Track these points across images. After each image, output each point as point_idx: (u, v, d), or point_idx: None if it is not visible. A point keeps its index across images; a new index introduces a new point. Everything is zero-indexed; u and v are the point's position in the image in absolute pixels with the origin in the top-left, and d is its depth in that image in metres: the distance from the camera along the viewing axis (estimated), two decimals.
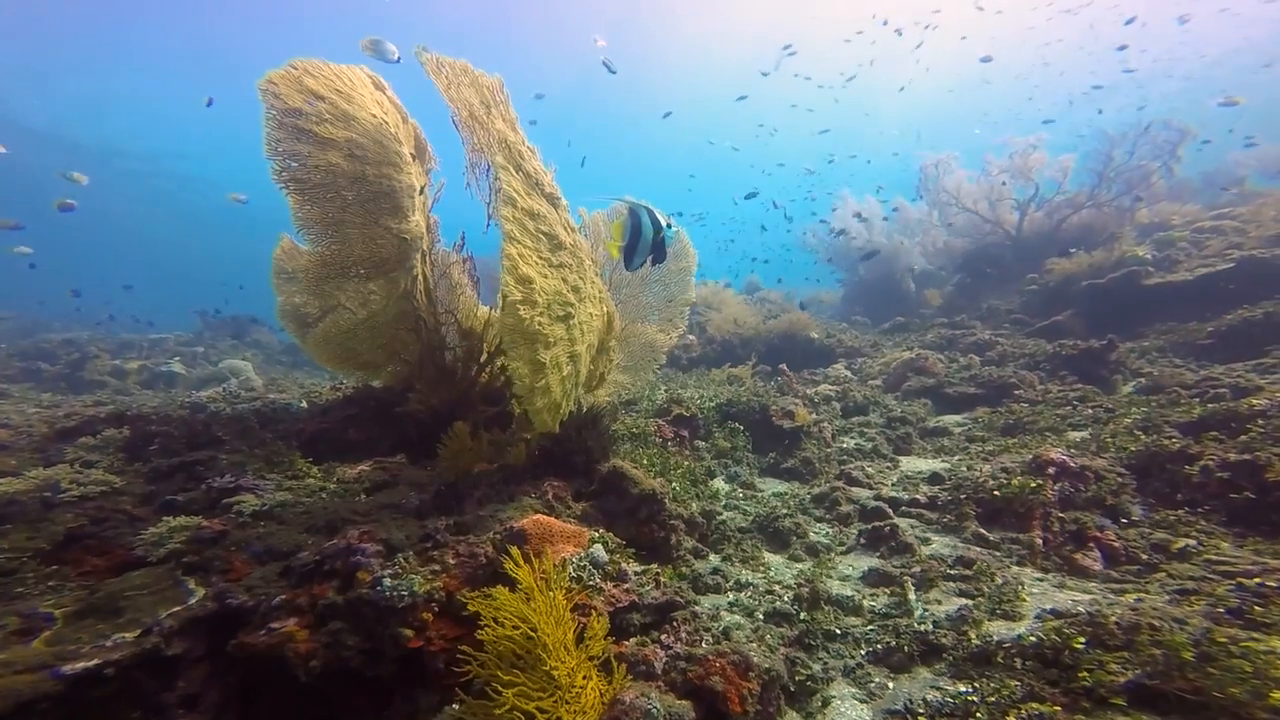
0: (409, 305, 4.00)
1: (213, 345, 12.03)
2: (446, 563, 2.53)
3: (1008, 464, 3.60)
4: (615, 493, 3.30)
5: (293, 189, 2.78)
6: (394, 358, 4.27)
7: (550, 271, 2.86)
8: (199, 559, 2.54)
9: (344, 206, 3.02)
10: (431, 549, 2.59)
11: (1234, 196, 12.87)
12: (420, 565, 2.48)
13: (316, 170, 2.82)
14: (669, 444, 4.97)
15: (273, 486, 3.28)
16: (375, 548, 2.49)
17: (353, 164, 2.99)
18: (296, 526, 2.86)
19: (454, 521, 2.85)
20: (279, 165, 2.64)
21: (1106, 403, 4.60)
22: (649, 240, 2.89)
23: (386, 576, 2.31)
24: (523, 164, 2.95)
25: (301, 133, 2.71)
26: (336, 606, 2.24)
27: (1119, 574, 2.66)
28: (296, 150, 2.70)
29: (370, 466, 3.95)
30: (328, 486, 3.48)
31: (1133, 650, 1.79)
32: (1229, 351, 5.71)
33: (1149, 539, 2.78)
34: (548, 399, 2.89)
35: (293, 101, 2.65)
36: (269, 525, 2.86)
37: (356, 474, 3.80)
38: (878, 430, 5.64)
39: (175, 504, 2.96)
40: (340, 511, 2.97)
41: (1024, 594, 2.56)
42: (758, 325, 10.17)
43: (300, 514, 2.99)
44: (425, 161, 4.27)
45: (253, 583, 2.37)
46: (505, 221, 2.63)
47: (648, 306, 3.91)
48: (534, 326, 2.64)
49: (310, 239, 2.97)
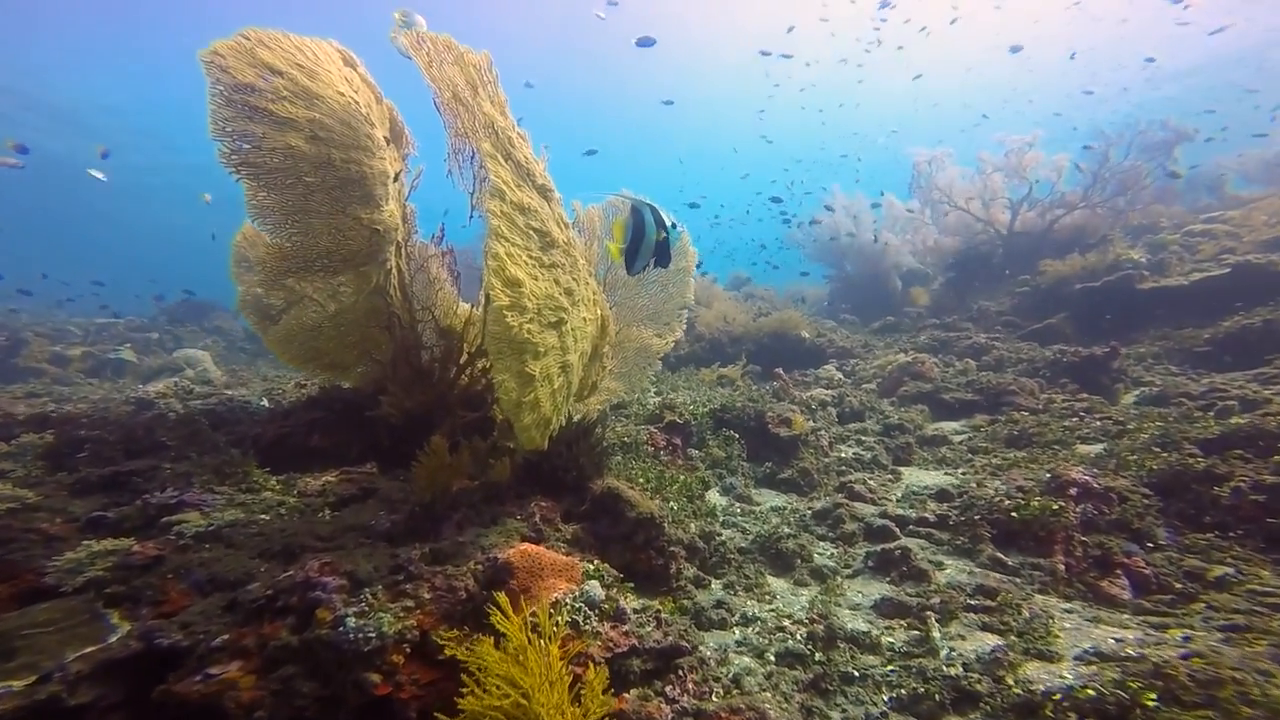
0: (381, 301, 3.68)
1: (169, 331, 11.34)
2: (421, 597, 2.27)
3: (1022, 482, 3.46)
4: (610, 515, 3.06)
5: (246, 174, 2.44)
6: (365, 357, 3.95)
7: (541, 273, 2.58)
8: (126, 589, 2.21)
9: (306, 194, 2.69)
10: (404, 582, 2.31)
11: (1213, 201, 13.13)
12: (391, 601, 2.21)
13: (274, 154, 2.48)
14: (661, 453, 4.74)
15: (223, 501, 2.94)
16: (338, 581, 2.20)
17: (316, 147, 2.66)
18: (248, 551, 2.53)
19: (430, 549, 2.58)
20: (228, 147, 2.30)
21: (1115, 414, 4.52)
22: (652, 242, 2.63)
23: (350, 615, 2.03)
24: (512, 152, 2.66)
25: (255, 111, 2.37)
26: (290, 648, 1.96)
27: (1151, 604, 2.52)
28: (249, 131, 2.36)
29: (336, 477, 3.64)
30: (287, 501, 3.15)
31: (1218, 710, 1.62)
32: (1227, 360, 5.70)
33: (1180, 566, 2.65)
34: (537, 414, 2.62)
35: (244, 76, 2.31)
36: (215, 549, 2.53)
37: (321, 486, 3.48)
38: (875, 438, 5.49)
39: (104, 522, 2.61)
40: (300, 534, 2.66)
41: (1056, 628, 2.40)
42: (747, 323, 10.00)
43: (253, 535, 2.67)
44: (402, 146, 3.93)
45: (191, 618, 2.07)
46: (492, 217, 2.34)
47: (644, 309, 3.65)
48: (523, 335, 2.37)
49: (268, 228, 2.64)
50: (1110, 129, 9.89)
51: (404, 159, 3.89)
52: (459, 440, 3.70)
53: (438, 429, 3.75)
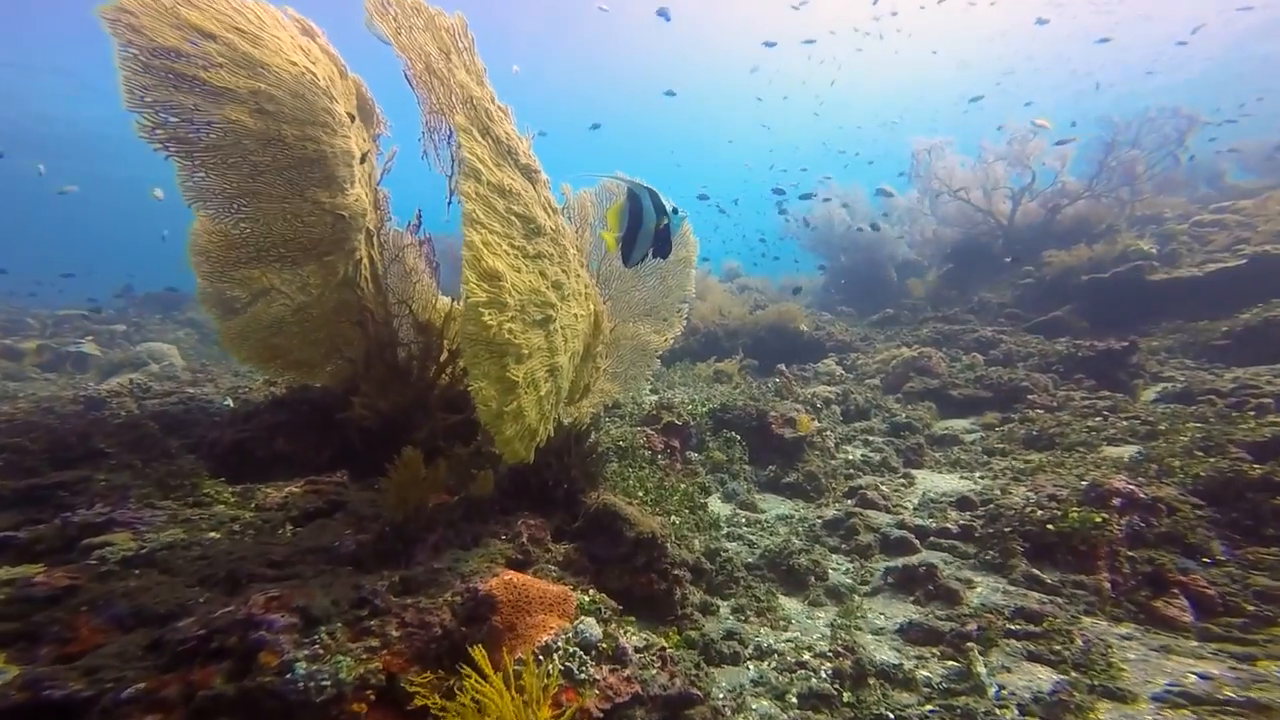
0: (351, 294, 3.33)
1: (138, 323, 10.78)
2: (388, 635, 1.95)
3: (1053, 490, 3.20)
4: (606, 534, 2.75)
5: (177, 151, 2.08)
6: (333, 355, 3.60)
7: (525, 264, 2.25)
8: (22, 626, 1.87)
9: (254, 174, 2.34)
10: (368, 617, 1.99)
11: (1212, 192, 12.99)
12: (352, 640, 1.89)
13: (210, 129, 2.13)
14: (659, 457, 4.45)
15: (164, 519, 2.58)
16: (288, 619, 1.87)
17: (264, 121, 2.30)
18: (187, 578, 2.17)
19: (400, 577, 2.26)
20: (149, 120, 1.94)
21: (1141, 413, 4.28)
22: (651, 230, 2.31)
23: (301, 658, 1.71)
24: (491, 127, 2.31)
25: (183, 80, 2.01)
26: (223, 700, 1.63)
27: (1221, 629, 2.26)
28: (176, 102, 2.00)
29: (301, 488, 3.31)
30: (242, 516, 2.80)
31: None
32: (1246, 353, 5.49)
33: (1246, 584, 2.40)
34: (520, 425, 2.31)
35: (164, 39, 1.94)
36: (146, 576, 2.16)
37: (283, 498, 3.15)
38: (883, 438, 5.23)
39: (11, 545, 2.26)
40: (250, 558, 2.31)
41: (1117, 659, 2.13)
42: (744, 315, 9.71)
43: (195, 559, 2.30)
44: (373, 125, 3.56)
45: (100, 661, 1.72)
46: (467, 200, 2.01)
47: (641, 303, 3.33)
48: (503, 335, 2.05)
49: (210, 213, 2.28)
50: (1119, 117, 9.64)
51: (375, 139, 3.53)
52: (439, 445, 3.38)
53: (416, 433, 3.42)
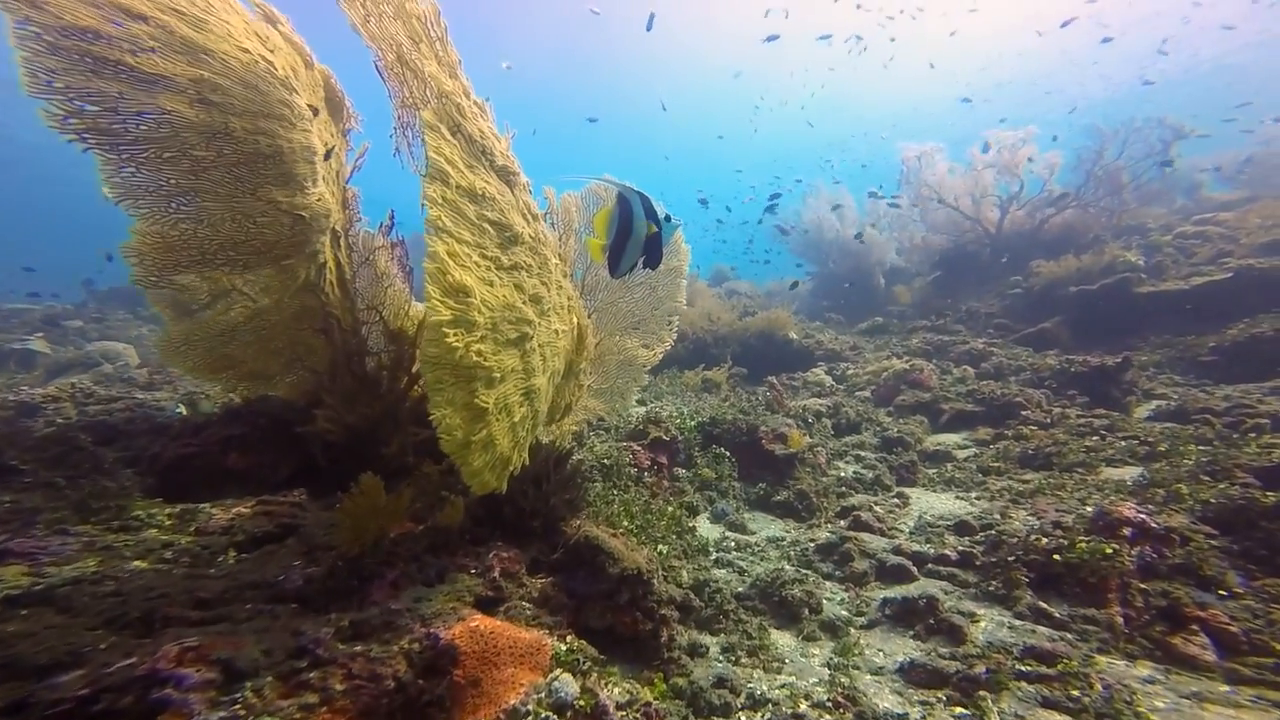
0: (315, 300, 3.08)
1: (97, 319, 10.22)
2: (330, 690, 1.72)
3: (1055, 515, 3.07)
4: (587, 568, 2.54)
5: (98, 144, 1.83)
6: (294, 365, 3.35)
7: (500, 276, 2.03)
8: None
9: (196, 171, 2.09)
10: (307, 669, 1.75)
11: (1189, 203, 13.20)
12: (284, 697, 1.65)
13: (140, 119, 1.88)
14: (646, 474, 4.25)
15: (76, 547, 2.29)
16: (204, 674, 1.61)
17: (207, 113, 2.06)
18: (90, 619, 1.87)
19: (351, 621, 2.03)
20: (60, 107, 1.69)
21: (1140, 433, 4.19)
22: (641, 238, 2.11)
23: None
24: (463, 124, 2.10)
25: (104, 64, 1.76)
26: None
27: (1252, 670, 2.13)
28: (96, 89, 1.75)
29: (251, 508, 3.05)
30: (177, 542, 2.53)
31: None
32: (1234, 370, 5.47)
33: (1270, 619, 2.27)
34: (491, 455, 2.09)
35: (78, 18, 1.69)
36: (36, 617, 1.84)
37: (229, 520, 2.89)
38: (875, 453, 5.09)
39: None
40: (175, 594, 2.03)
41: (1143, 707, 1.97)
42: (732, 322, 9.55)
43: (106, 596, 1.99)
44: (342, 120, 3.31)
45: None
46: (432, 205, 1.79)
47: (628, 315, 3.13)
48: (471, 358, 1.83)
49: (143, 213, 2.03)
50: (1107, 125, 9.69)
51: (345, 134, 3.28)
52: (409, 461, 3.15)
53: (385, 448, 3.18)
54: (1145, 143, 9.59)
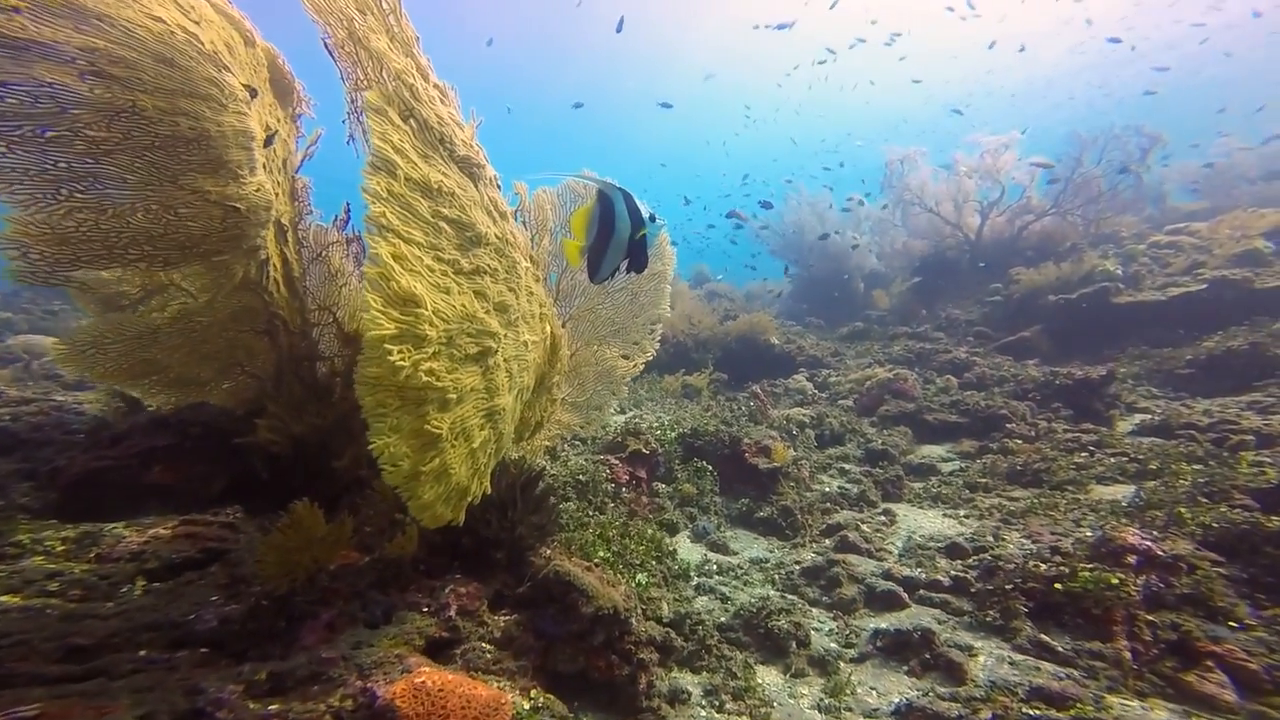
0: (256, 300, 2.77)
1: (28, 310, 9.48)
2: None
3: (1051, 539, 2.94)
4: (557, 606, 2.30)
5: None
6: (232, 370, 3.02)
7: (458, 282, 1.78)
8: None
9: (94, 154, 1.79)
10: None
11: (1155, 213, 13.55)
12: None
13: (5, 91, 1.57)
14: (624, 489, 4.02)
15: None
16: None
17: (105, 89, 1.76)
18: None
19: (270, 672, 1.76)
20: None
21: (1129, 449, 4.12)
22: (624, 240, 1.89)
23: None
24: (417, 108, 1.83)
25: None
26: None
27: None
28: None
29: (173, 529, 2.75)
30: (69, 572, 2.22)
31: None
32: (1211, 383, 5.50)
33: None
34: (445, 486, 1.84)
35: None
36: None
37: (141, 544, 2.58)
38: (860, 466, 4.96)
39: None
40: (40, 641, 1.73)
41: None
42: (713, 325, 9.39)
43: None
44: (290, 104, 2.99)
45: None
46: (375, 201, 1.54)
47: (607, 323, 2.89)
48: (420, 379, 1.58)
49: (21, 201, 1.71)
50: (1086, 132, 9.81)
51: (293, 120, 2.96)
52: (363, 475, 2.88)
53: (336, 460, 2.89)
54: (1123, 150, 9.74)
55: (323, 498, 3.17)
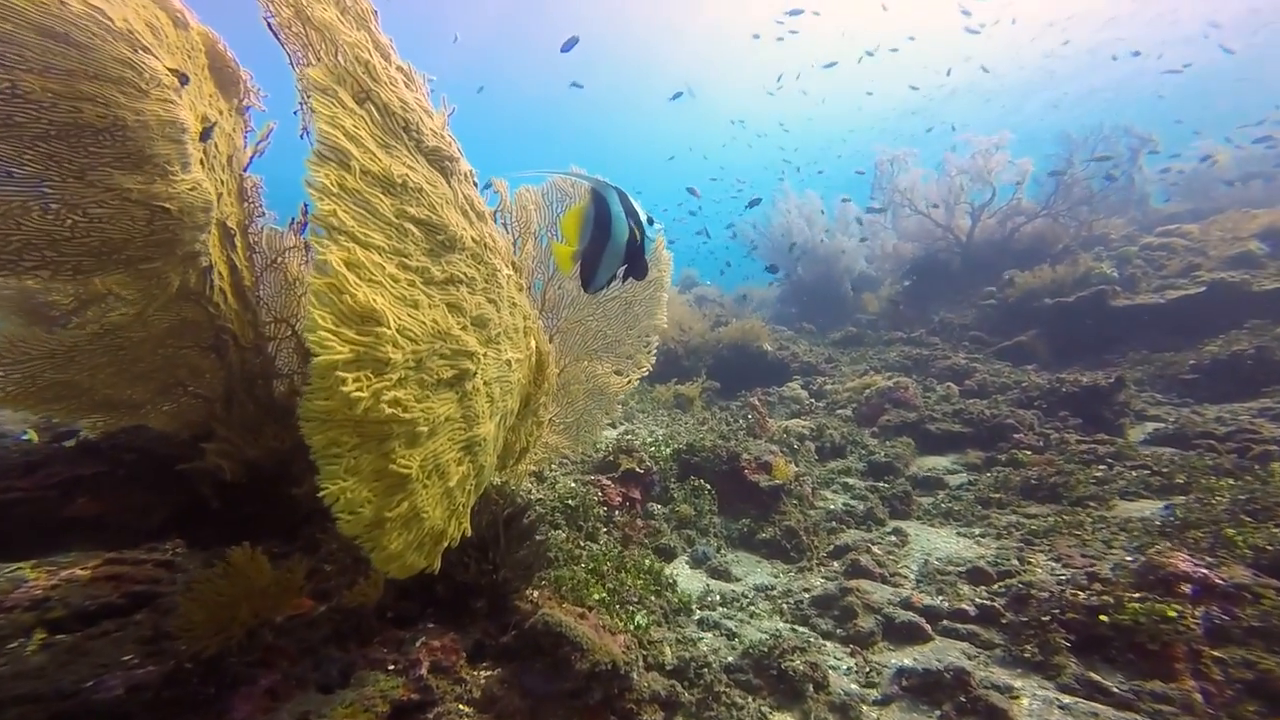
0: (199, 312, 2.47)
1: None
2: None
3: (1085, 563, 2.76)
4: (547, 660, 2.04)
5: None
6: (172, 391, 2.71)
7: (429, 294, 1.53)
8: None
9: None
10: None
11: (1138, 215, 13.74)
12: None
13: None
14: (617, 512, 3.77)
15: None
16: None
17: None
18: None
19: None
20: None
21: (1150, 461, 3.98)
22: (622, 245, 1.66)
23: None
24: (375, 90, 1.58)
25: None
26: None
27: None
28: None
29: (92, 570, 2.46)
30: None
31: None
32: (1216, 388, 5.43)
33: None
34: (416, 532, 1.59)
35: None
36: None
37: (48, 589, 2.30)
38: (864, 481, 4.77)
39: None
40: None
41: None
42: (704, 332, 9.19)
43: None
44: (235, 94, 2.71)
45: None
46: (323, 196, 1.29)
47: (599, 336, 2.65)
48: (382, 411, 1.33)
49: None
50: (1076, 133, 9.85)
51: (240, 112, 2.68)
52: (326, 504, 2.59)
53: (296, 487, 2.59)
54: (1113, 151, 9.79)
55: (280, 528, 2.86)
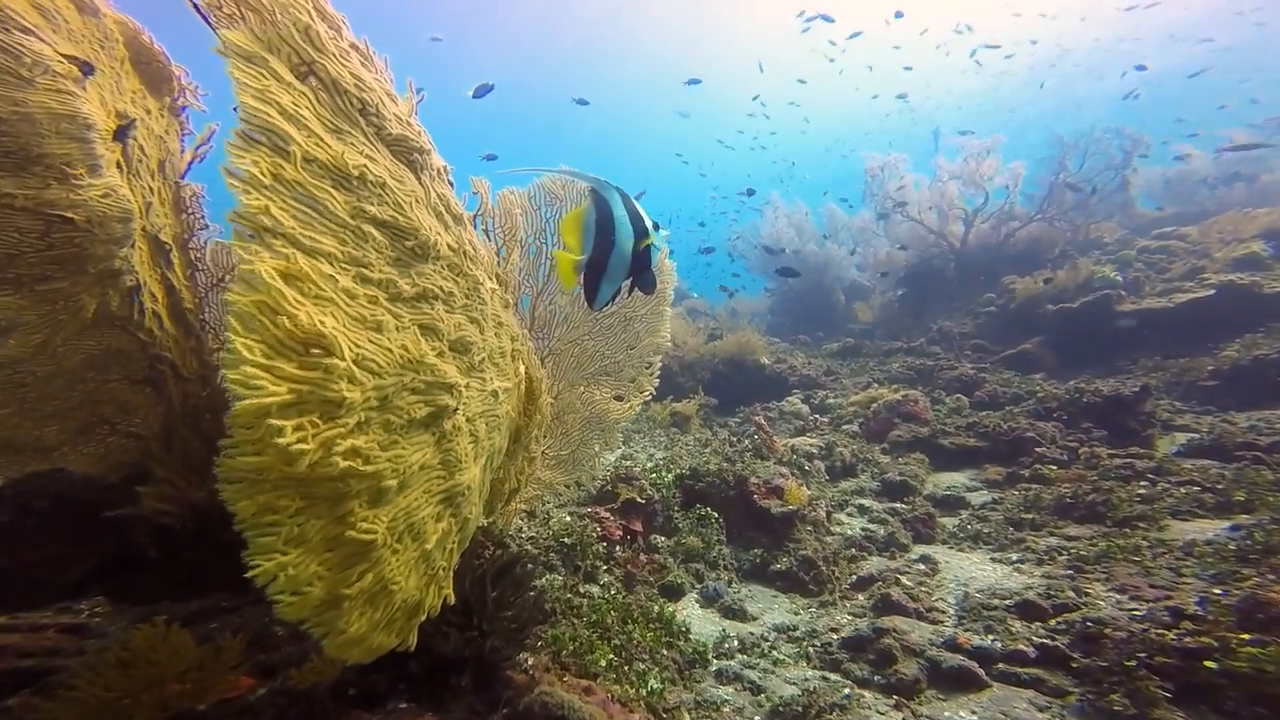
0: (127, 340, 2.16)
1: None
2: None
3: (1161, 596, 2.51)
4: None
5: None
6: (93, 431, 2.37)
7: (394, 314, 1.24)
8: None
9: None
10: None
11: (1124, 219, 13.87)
12: None
13: None
14: (618, 549, 3.46)
15: None
16: None
17: None
18: None
19: None
20: None
21: (1200, 477, 3.71)
22: (628, 253, 1.40)
23: None
24: (319, 61, 1.28)
25: None
26: None
27: None
28: None
29: None
30: None
31: None
32: (1239, 395, 5.28)
33: None
34: (384, 609, 1.29)
35: None
36: None
37: None
38: (881, 503, 4.51)
39: None
40: None
41: None
42: (699, 346, 8.95)
43: None
44: (165, 92, 2.42)
45: None
46: (250, 190, 1.00)
47: (597, 357, 2.37)
48: (334, 466, 1.02)
49: None
50: (1068, 136, 9.86)
51: (173, 112, 2.38)
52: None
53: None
54: (1105, 154, 9.82)
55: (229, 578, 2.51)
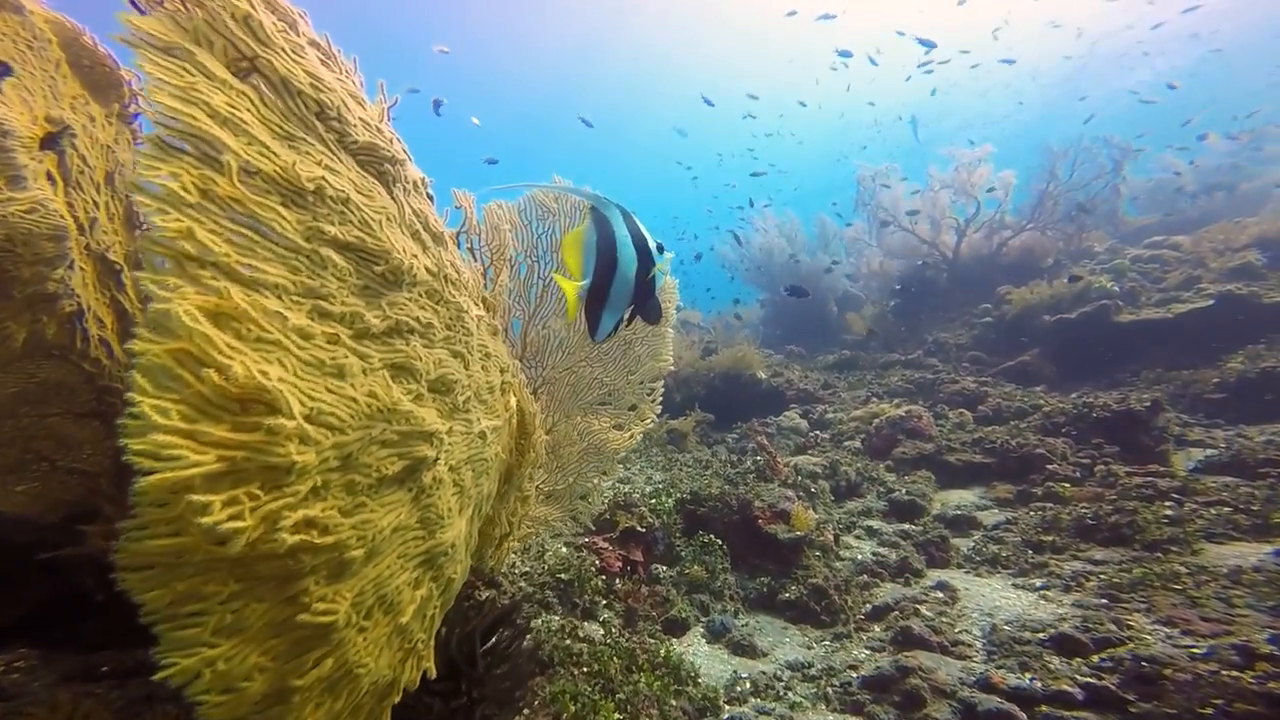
0: (69, 371, 1.93)
1: None
2: None
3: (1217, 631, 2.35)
4: None
5: None
6: (29, 469, 2.13)
7: (360, 353, 1.05)
8: None
9: None
10: None
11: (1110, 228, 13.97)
12: None
13: None
14: (617, 581, 3.25)
15: None
16: None
17: None
18: None
19: None
20: None
21: (1230, 497, 3.55)
22: (630, 278, 1.24)
23: None
24: (262, 55, 1.09)
25: None
26: None
27: None
28: None
29: None
30: None
31: None
32: (1247, 408, 5.19)
33: None
34: (346, 697, 1.08)
35: None
36: None
37: None
38: (888, 523, 4.34)
39: None
40: None
41: None
42: (694, 361, 8.76)
43: None
44: (113, 99, 2.22)
45: None
46: (167, 209, 0.79)
47: (594, 385, 2.19)
48: (278, 543, 0.82)
49: None
50: (1058, 144, 9.89)
51: (123, 120, 2.18)
52: None
53: None
54: (1095, 163, 9.86)
55: None
